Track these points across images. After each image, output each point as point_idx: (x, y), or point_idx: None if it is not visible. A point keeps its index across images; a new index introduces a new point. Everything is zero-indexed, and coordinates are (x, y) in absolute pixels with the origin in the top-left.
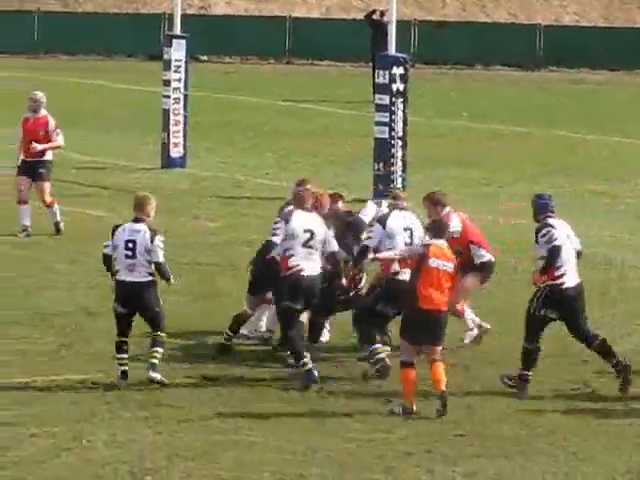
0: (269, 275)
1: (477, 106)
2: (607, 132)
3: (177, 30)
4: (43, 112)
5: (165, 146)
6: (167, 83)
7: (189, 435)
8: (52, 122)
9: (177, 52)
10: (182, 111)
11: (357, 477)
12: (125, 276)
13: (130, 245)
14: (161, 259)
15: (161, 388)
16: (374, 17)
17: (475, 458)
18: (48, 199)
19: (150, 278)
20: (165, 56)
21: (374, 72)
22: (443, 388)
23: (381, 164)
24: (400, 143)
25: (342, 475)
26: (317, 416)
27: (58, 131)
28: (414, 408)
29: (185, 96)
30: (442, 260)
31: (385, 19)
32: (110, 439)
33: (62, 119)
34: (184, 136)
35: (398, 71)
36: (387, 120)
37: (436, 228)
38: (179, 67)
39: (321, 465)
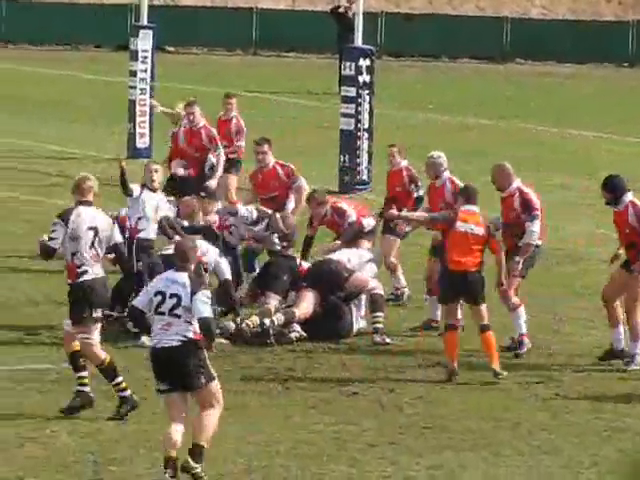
0: None
1: (443, 98)
2: (574, 125)
3: (144, 20)
4: None
5: (131, 136)
6: (133, 74)
7: (154, 425)
8: None
9: (144, 42)
10: (148, 102)
11: (321, 469)
12: None
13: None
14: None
15: (126, 376)
16: (339, 11)
17: (440, 451)
18: None
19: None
20: (132, 47)
21: (341, 64)
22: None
23: (347, 156)
24: (366, 135)
25: (306, 467)
26: (282, 408)
27: None
28: None
29: (151, 87)
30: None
31: (350, 13)
32: (75, 429)
33: (30, 109)
34: (150, 127)
35: (364, 63)
36: (353, 112)
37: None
38: (145, 58)
39: (285, 457)
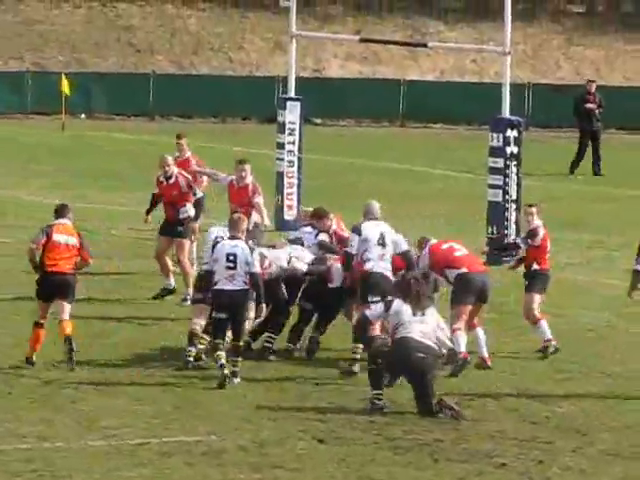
0: None
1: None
2: None
3: (291, 93)
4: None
5: (279, 209)
6: (281, 146)
7: None
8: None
9: (291, 115)
10: (296, 174)
11: None
12: (224, 285)
13: (231, 258)
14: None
15: (276, 449)
16: (588, 107)
17: None
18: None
19: (246, 287)
20: (279, 118)
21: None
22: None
23: (494, 227)
24: (514, 206)
25: None
26: None
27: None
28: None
29: (299, 159)
30: (65, 235)
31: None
32: None
33: None
34: (298, 199)
35: (512, 134)
36: (501, 183)
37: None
38: (293, 130)
39: None
